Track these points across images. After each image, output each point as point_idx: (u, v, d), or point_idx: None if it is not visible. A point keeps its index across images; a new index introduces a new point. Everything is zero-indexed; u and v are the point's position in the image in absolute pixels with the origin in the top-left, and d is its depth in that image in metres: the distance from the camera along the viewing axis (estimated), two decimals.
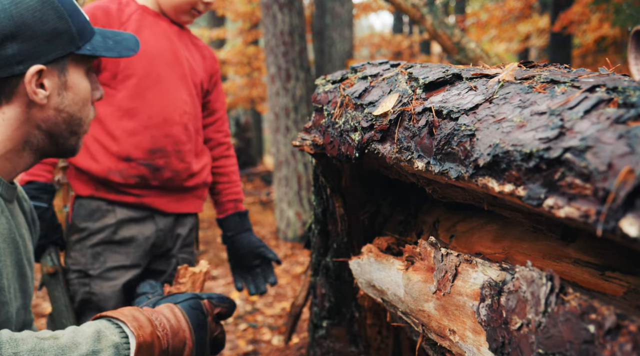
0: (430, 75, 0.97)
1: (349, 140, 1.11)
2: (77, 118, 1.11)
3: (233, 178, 1.94)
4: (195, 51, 1.83)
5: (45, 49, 1.03)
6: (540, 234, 0.86)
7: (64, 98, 1.08)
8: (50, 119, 1.08)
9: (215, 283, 4.17)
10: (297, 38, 5.09)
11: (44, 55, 1.03)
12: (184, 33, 1.82)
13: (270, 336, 3.08)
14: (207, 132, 1.90)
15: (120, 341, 0.91)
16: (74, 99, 1.09)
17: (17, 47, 1.00)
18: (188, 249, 1.84)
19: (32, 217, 1.34)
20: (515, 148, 0.67)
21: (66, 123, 1.10)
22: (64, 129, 1.10)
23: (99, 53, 1.08)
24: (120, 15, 1.72)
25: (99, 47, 1.10)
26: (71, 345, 0.86)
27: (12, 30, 1.00)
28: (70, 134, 1.12)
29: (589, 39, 8.82)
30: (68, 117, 1.09)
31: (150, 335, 0.96)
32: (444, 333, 0.92)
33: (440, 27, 4.16)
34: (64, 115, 1.09)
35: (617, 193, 0.52)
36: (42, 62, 1.03)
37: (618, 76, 0.73)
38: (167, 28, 1.75)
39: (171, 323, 1.02)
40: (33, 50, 1.02)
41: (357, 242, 1.45)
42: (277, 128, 5.18)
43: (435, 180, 0.92)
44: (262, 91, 10.63)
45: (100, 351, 0.88)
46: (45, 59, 1.03)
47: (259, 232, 5.99)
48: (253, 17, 10.68)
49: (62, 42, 1.04)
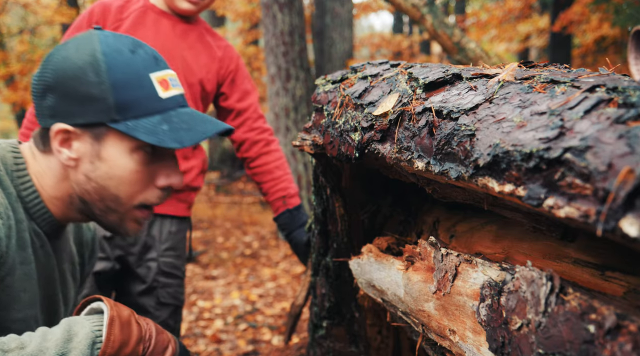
0: (430, 75, 0.97)
1: (349, 140, 1.11)
2: (111, 194, 1.03)
3: (277, 175, 1.86)
4: (203, 51, 1.80)
5: (76, 111, 0.98)
6: (540, 234, 0.86)
7: (96, 168, 1.02)
8: (81, 184, 1.03)
9: (215, 283, 4.17)
10: (297, 38, 5.09)
11: (72, 116, 0.98)
12: (192, 32, 1.79)
13: (270, 336, 3.08)
14: (238, 135, 1.85)
15: (93, 334, 0.91)
16: (107, 173, 1.02)
17: (53, 100, 0.99)
18: (173, 253, 1.81)
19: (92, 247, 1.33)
20: (515, 148, 0.67)
21: (98, 195, 1.03)
22: (96, 200, 1.04)
23: (133, 133, 0.98)
24: (122, 11, 1.71)
25: (141, 128, 0.99)
26: (38, 352, 0.84)
27: (52, 83, 0.98)
28: (106, 209, 1.05)
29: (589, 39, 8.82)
30: (99, 188, 1.03)
31: (128, 315, 0.95)
32: (444, 333, 0.92)
33: (440, 27, 4.16)
34: (93, 184, 1.03)
35: (617, 193, 0.52)
36: (71, 123, 0.99)
37: (618, 76, 0.73)
38: (168, 26, 1.75)
39: (155, 323, 1.02)
40: (65, 108, 0.98)
41: (357, 242, 1.45)
42: (277, 128, 5.17)
43: (435, 180, 0.92)
44: (262, 91, 10.63)
45: (70, 351, 0.87)
46: (74, 120, 0.99)
47: (259, 232, 5.99)
48: (253, 17, 10.68)
49: (94, 109, 0.98)
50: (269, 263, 4.72)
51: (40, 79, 1.01)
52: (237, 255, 5.09)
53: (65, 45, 1.03)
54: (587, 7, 7.31)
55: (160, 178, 1.06)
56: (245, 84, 1.90)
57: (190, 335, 3.16)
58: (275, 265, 4.65)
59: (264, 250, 5.22)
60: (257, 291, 3.93)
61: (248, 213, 6.95)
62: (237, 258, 4.97)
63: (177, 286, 1.83)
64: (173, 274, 1.81)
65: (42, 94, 1.00)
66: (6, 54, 9.89)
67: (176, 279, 1.83)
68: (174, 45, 1.74)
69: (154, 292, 1.77)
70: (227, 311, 3.56)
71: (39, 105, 1.02)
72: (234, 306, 3.63)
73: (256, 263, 4.78)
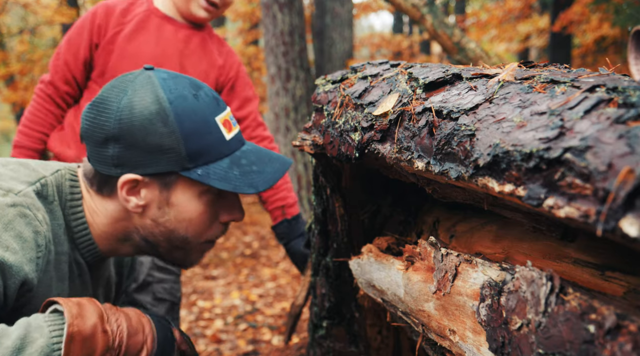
0: (430, 75, 0.97)
1: (349, 140, 1.11)
2: (179, 236, 1.04)
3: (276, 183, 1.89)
4: (203, 57, 1.81)
5: (145, 161, 0.97)
6: (540, 234, 0.86)
7: (164, 213, 1.01)
8: (147, 228, 1.03)
9: (215, 283, 4.17)
10: (297, 38, 5.08)
11: (142, 166, 0.97)
12: (195, 37, 1.79)
13: (270, 336, 3.08)
14: None
15: (49, 349, 0.83)
16: (176, 217, 1.02)
17: (117, 150, 0.96)
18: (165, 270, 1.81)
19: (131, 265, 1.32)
20: (515, 148, 0.67)
21: (164, 236, 1.04)
22: (162, 241, 1.04)
23: (207, 181, 0.98)
24: (125, 14, 1.72)
25: (213, 175, 0.99)
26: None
27: (116, 134, 0.96)
28: (172, 248, 1.06)
29: (589, 39, 8.82)
30: (167, 232, 1.03)
31: (92, 327, 0.87)
32: (444, 333, 0.92)
33: (440, 27, 4.16)
34: (161, 228, 1.03)
35: (617, 193, 0.52)
36: (140, 173, 0.97)
37: (618, 76, 0.73)
38: (171, 32, 1.75)
39: (131, 322, 0.95)
40: (132, 158, 0.97)
41: (357, 242, 1.45)
42: (277, 128, 5.17)
43: (435, 180, 0.92)
44: (262, 91, 10.62)
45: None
46: (144, 170, 0.97)
47: (259, 232, 5.99)
48: (253, 17, 10.68)
49: (165, 159, 0.97)
50: (269, 263, 4.72)
51: (99, 127, 0.97)
52: (237, 255, 5.09)
53: (122, 91, 0.98)
54: (587, 7, 7.31)
55: (224, 215, 1.08)
56: (245, 91, 1.91)
57: (190, 335, 3.16)
58: (275, 265, 4.65)
59: (264, 250, 5.22)
60: (257, 291, 3.93)
61: (248, 213, 6.95)
62: (237, 258, 4.97)
63: (173, 282, 1.84)
64: (167, 269, 1.82)
65: (102, 143, 0.97)
66: (6, 54, 9.89)
67: (171, 275, 1.83)
68: (174, 51, 1.74)
69: (149, 288, 1.78)
70: (227, 311, 3.56)
71: (97, 152, 0.99)
72: (234, 306, 3.63)
73: (256, 263, 4.78)
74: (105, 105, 0.98)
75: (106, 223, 1.04)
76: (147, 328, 0.97)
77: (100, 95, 1.00)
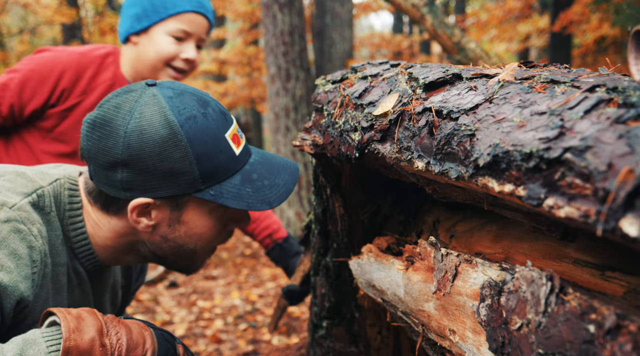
0: (430, 75, 0.97)
1: (349, 140, 1.11)
2: (187, 250, 1.04)
3: (256, 216, 1.86)
4: None
5: (156, 185, 0.95)
6: (540, 234, 0.86)
7: (174, 231, 1.01)
8: (155, 243, 1.03)
9: (215, 283, 4.17)
10: (297, 38, 5.09)
11: (153, 190, 0.96)
12: None
13: (270, 336, 3.08)
14: None
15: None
16: (186, 233, 1.02)
17: (126, 175, 0.94)
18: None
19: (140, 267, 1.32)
20: (515, 148, 0.67)
21: (173, 251, 1.04)
22: (169, 254, 1.05)
23: (221, 201, 0.97)
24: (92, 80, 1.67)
25: (226, 194, 0.98)
26: None
27: (125, 159, 0.93)
28: (178, 259, 1.06)
29: (589, 39, 8.82)
30: (176, 246, 1.03)
31: (89, 341, 0.85)
32: (444, 333, 0.92)
33: (440, 27, 4.16)
34: (170, 243, 1.03)
35: (617, 193, 0.52)
36: (151, 196, 0.96)
37: (618, 76, 0.73)
38: None
39: (132, 335, 0.91)
40: (142, 183, 0.95)
41: (357, 242, 1.45)
42: (277, 128, 5.17)
43: (435, 180, 0.92)
44: (262, 91, 10.63)
45: None
46: (155, 194, 0.96)
47: None
48: (253, 17, 10.68)
49: (178, 182, 0.95)
50: (269, 263, 4.71)
51: (105, 151, 0.94)
52: (237, 255, 5.09)
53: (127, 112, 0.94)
54: (587, 7, 7.31)
55: (232, 224, 1.09)
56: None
57: (190, 335, 3.16)
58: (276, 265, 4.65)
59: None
60: (257, 291, 3.93)
61: None
62: (237, 258, 4.97)
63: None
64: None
65: (109, 167, 0.95)
66: (6, 54, 9.89)
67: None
68: None
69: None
70: (227, 311, 3.56)
71: (105, 175, 0.96)
72: (234, 306, 3.63)
73: (256, 263, 4.78)
74: (110, 128, 0.94)
75: (110, 237, 1.03)
76: (148, 342, 0.94)
77: (103, 114, 0.96)
